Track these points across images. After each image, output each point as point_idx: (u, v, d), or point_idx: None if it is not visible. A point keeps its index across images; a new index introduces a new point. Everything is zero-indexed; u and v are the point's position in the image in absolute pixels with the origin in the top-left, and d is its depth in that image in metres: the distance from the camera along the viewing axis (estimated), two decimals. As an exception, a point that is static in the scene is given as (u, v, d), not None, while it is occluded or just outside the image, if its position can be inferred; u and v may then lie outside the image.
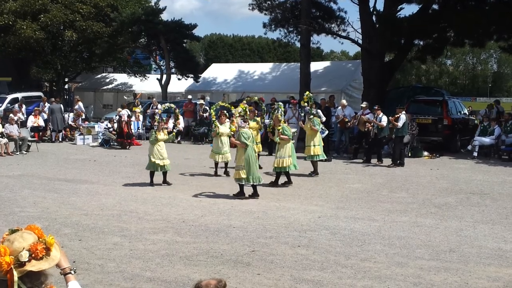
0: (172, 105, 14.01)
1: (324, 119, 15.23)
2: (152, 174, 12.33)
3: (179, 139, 20.81)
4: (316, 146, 13.62)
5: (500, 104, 24.58)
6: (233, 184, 11.36)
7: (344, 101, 18.91)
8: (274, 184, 12.36)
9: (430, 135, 18.58)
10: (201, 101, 22.97)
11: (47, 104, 22.70)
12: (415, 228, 8.56)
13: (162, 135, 12.32)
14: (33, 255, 2.41)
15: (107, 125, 21.27)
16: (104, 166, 15.30)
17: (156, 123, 12.55)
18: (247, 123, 11.48)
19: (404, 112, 15.98)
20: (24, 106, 23.25)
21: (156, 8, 32.16)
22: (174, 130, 14.06)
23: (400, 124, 15.56)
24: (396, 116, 15.65)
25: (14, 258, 2.38)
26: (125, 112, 20.79)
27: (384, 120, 15.83)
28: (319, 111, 15.31)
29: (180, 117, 15.30)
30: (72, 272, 2.73)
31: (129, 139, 20.18)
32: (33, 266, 2.41)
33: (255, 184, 10.85)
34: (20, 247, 2.41)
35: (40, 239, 2.48)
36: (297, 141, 16.68)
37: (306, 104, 13.70)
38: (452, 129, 18.78)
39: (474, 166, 15.89)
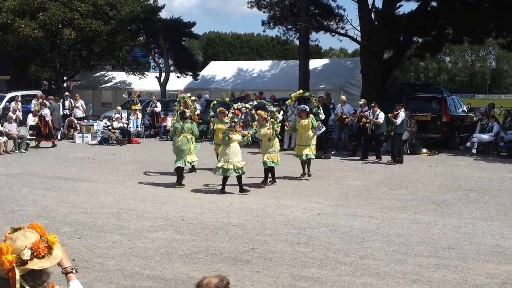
0: (248, 106, 12.70)
1: (323, 117, 15.11)
2: (224, 180, 11.15)
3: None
4: (313, 145, 13.08)
5: None
6: (232, 181, 11.35)
7: (343, 97, 18.90)
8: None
9: (429, 132, 18.61)
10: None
11: (46, 102, 22.52)
12: (414, 225, 8.58)
13: (236, 136, 11.15)
14: (35, 253, 2.43)
15: (106, 123, 21.25)
16: (103, 164, 15.31)
17: (230, 123, 11.35)
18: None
19: (403, 109, 16.00)
20: (20, 104, 23.04)
21: (154, 6, 32.12)
22: (249, 131, 12.69)
23: (398, 121, 15.57)
24: (395, 112, 15.67)
25: (16, 257, 2.39)
26: (47, 111, 19.54)
27: (381, 117, 15.82)
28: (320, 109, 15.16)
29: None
30: (74, 271, 2.74)
31: (49, 139, 19.23)
32: (35, 264, 2.42)
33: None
34: (22, 246, 2.42)
35: (42, 238, 2.49)
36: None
37: (293, 103, 12.79)
38: (451, 126, 18.80)
39: (473, 163, 15.92)
